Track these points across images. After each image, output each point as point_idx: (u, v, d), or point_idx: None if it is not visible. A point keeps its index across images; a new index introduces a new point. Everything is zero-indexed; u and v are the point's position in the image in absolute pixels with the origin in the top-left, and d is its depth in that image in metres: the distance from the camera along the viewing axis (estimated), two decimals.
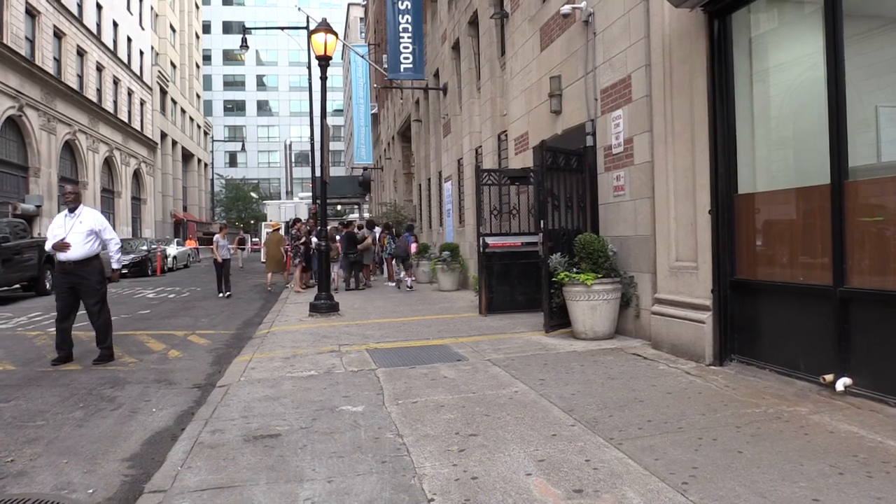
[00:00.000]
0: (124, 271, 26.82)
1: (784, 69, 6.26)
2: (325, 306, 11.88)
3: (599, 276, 8.07)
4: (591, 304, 8.07)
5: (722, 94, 6.44)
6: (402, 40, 21.04)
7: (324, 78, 12.24)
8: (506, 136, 13.96)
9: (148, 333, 10.66)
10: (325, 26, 12.24)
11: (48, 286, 18.75)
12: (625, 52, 8.23)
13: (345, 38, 52.37)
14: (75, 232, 8.07)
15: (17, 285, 18.05)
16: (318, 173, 16.59)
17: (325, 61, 12.15)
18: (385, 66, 23.74)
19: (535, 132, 11.45)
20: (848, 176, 5.14)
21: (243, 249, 35.27)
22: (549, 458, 4.05)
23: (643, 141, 7.86)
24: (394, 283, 19.65)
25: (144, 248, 29.99)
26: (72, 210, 8.23)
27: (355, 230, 18.53)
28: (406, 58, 20.94)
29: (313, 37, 12.32)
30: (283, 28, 30.66)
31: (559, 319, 8.80)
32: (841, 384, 5.06)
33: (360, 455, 4.24)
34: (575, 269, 8.28)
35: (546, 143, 9.14)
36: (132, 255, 28.41)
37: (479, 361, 7.16)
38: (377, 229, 20.95)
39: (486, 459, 4.07)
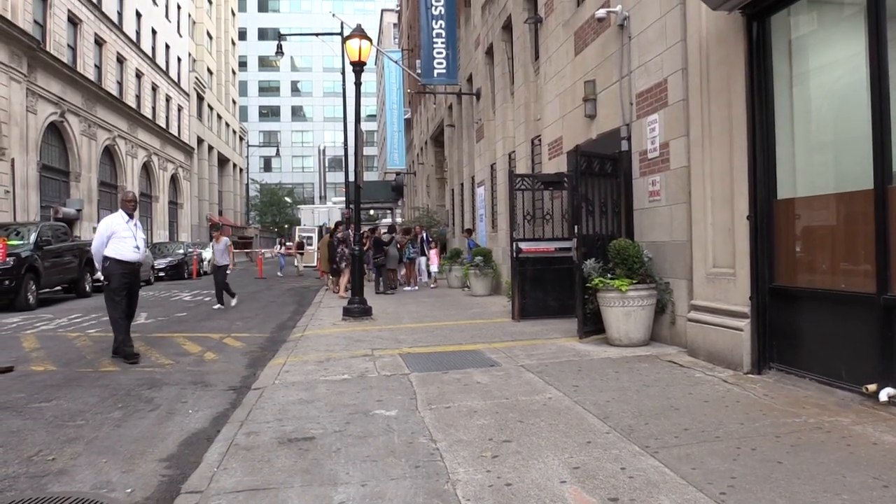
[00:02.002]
0: (161, 274, 27.44)
1: (824, 72, 6.14)
2: (358, 310, 11.93)
3: (634, 281, 7.99)
4: (625, 310, 7.99)
5: (761, 98, 6.34)
6: (435, 45, 21.13)
7: (358, 83, 12.31)
8: (539, 140, 13.91)
9: (184, 336, 10.79)
10: (359, 32, 12.32)
11: (87, 288, 19.14)
12: (661, 55, 8.15)
13: (378, 44, 52.74)
14: (140, 237, 8.74)
15: (59, 287, 18.42)
16: (351, 178, 16.71)
17: (359, 67, 12.23)
18: (418, 71, 23.84)
19: (569, 137, 11.39)
20: (892, 181, 5.02)
21: (302, 254, 35.38)
22: (584, 466, 4.01)
23: (679, 145, 7.78)
24: (413, 287, 19.70)
25: (181, 251, 30.50)
26: (131, 216, 8.76)
27: (381, 235, 18.66)
28: (439, 63, 21.02)
29: (348, 42, 12.40)
30: (317, 34, 30.92)
31: (593, 325, 8.72)
32: (885, 394, 4.93)
33: (393, 459, 4.25)
34: (609, 275, 8.21)
35: (580, 148, 9.09)
36: (169, 259, 28.94)
37: (513, 367, 7.13)
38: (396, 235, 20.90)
39: (520, 466, 4.05)
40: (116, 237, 8.48)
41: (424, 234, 21.16)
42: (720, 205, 6.87)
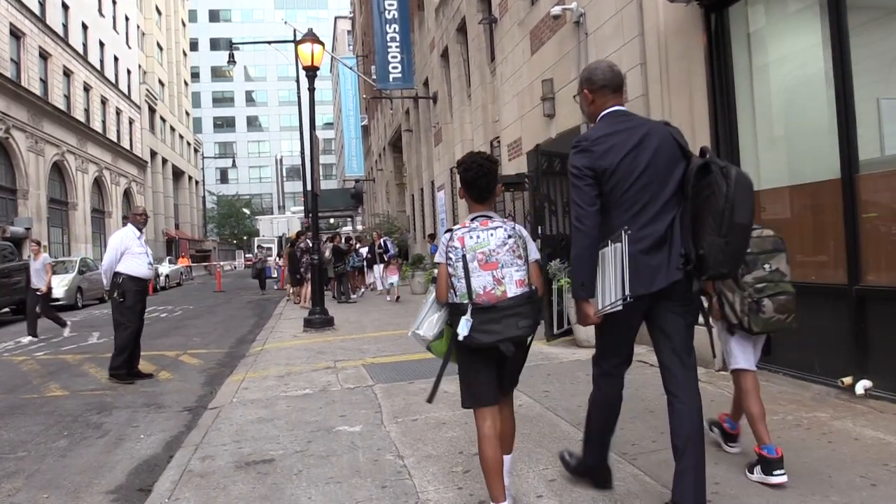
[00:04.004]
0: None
1: (785, 62, 6.06)
2: (319, 321, 11.62)
3: None
4: None
5: (722, 91, 6.24)
6: (390, 50, 20.91)
7: (311, 89, 12.02)
8: (498, 142, 13.77)
9: None
10: (311, 36, 12.04)
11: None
12: (618, 51, 8.04)
13: (333, 52, 52.18)
14: (149, 253, 8.49)
15: (7, 309, 17.72)
16: (309, 186, 16.39)
17: (312, 72, 11.94)
18: (374, 76, 23.59)
19: (528, 137, 11.25)
20: (858, 170, 4.93)
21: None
22: (560, 478, 3.81)
23: None
24: (359, 294, 19.32)
25: None
26: (141, 231, 8.50)
27: (340, 244, 18.32)
28: (395, 67, 20.80)
29: (300, 47, 12.12)
30: (270, 42, 30.44)
31: (560, 328, 8.56)
32: (861, 387, 4.84)
33: (358, 480, 4.00)
34: None
35: (541, 147, 8.93)
36: None
37: None
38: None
39: None
40: (130, 253, 8.07)
41: (383, 241, 20.57)
42: None
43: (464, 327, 2.98)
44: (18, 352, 11.35)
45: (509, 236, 3.02)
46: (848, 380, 4.93)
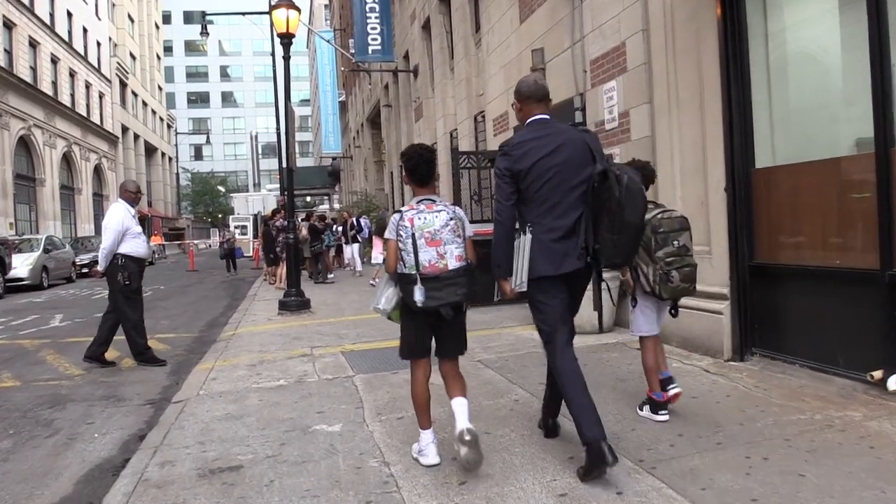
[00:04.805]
0: (85, 270, 25.50)
1: (808, 25, 5.55)
2: (295, 303, 11.05)
3: None
4: (587, 294, 7.34)
5: (735, 57, 5.72)
6: (369, 21, 20.18)
7: (286, 57, 11.34)
8: (483, 117, 13.20)
9: None
10: (286, 2, 11.36)
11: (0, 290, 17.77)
12: (617, 16, 7.49)
13: (310, 26, 50.94)
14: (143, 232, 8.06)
15: None
16: (284, 163, 15.68)
17: (287, 39, 11.27)
18: (352, 50, 22.83)
19: None
20: (895, 143, 4.45)
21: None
22: (572, 492, 3.31)
23: (641, 114, 7.14)
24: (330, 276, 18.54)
25: None
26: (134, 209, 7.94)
27: (315, 222, 17.63)
28: (374, 39, 20.08)
29: (274, 13, 11.41)
30: (244, 14, 29.42)
31: None
32: (893, 382, 4.38)
33: (339, 492, 3.48)
34: None
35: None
36: (93, 254, 27.19)
37: (469, 363, 6.38)
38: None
39: (494, 495, 3.32)
40: (130, 233, 7.56)
41: (355, 220, 19.63)
42: (691, 176, 6.26)
43: (419, 294, 3.55)
44: None
45: (451, 218, 3.64)
46: (878, 374, 4.48)
